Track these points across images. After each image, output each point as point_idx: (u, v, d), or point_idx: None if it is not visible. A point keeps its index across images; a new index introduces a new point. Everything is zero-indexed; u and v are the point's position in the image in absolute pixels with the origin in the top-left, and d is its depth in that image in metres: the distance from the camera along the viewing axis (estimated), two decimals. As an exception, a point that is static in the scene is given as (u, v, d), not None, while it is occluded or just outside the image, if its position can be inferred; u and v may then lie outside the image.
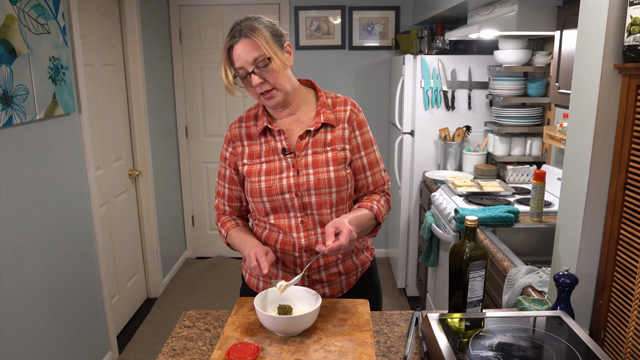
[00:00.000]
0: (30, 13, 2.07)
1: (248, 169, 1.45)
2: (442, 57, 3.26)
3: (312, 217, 1.42)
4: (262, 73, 1.33)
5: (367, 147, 1.48)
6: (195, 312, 1.43)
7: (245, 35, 1.31)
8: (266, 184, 1.40)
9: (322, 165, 1.40)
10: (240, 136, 1.48)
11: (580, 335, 1.13)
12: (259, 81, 1.34)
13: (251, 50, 1.31)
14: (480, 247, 1.25)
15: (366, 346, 1.18)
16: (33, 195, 2.12)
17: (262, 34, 1.32)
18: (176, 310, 3.48)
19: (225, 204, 1.55)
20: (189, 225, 4.44)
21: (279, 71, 1.34)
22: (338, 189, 1.41)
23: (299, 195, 1.39)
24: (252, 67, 1.32)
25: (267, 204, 1.42)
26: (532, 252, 2.15)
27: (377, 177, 1.50)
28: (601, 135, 1.23)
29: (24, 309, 2.05)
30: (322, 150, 1.42)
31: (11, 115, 1.94)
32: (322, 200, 1.40)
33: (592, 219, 1.28)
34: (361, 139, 1.47)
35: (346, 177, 1.42)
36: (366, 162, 1.48)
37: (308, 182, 1.39)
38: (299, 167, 1.40)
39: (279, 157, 1.43)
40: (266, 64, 1.32)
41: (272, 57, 1.32)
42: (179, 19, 4.08)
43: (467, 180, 2.79)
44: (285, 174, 1.40)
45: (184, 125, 4.26)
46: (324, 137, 1.43)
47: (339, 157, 1.41)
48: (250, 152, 1.46)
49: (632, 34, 1.11)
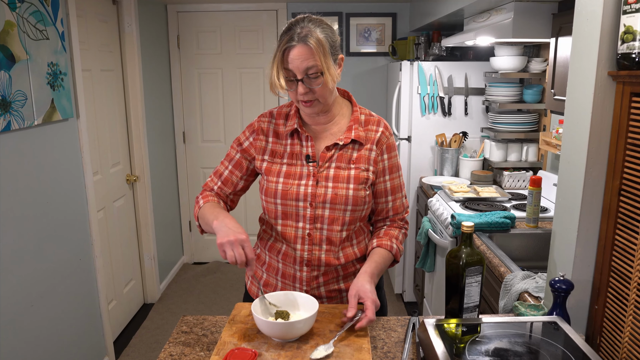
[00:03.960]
0: (29, 19, 2.08)
1: (267, 166, 1.42)
2: (439, 63, 3.28)
3: (321, 232, 1.39)
4: (311, 84, 1.29)
5: (393, 172, 1.45)
6: (193, 318, 1.43)
7: (304, 41, 1.26)
8: (283, 187, 1.38)
9: (342, 181, 1.38)
10: (268, 131, 1.45)
11: (576, 340, 1.14)
12: (304, 90, 1.30)
13: (306, 58, 1.26)
14: (477, 252, 1.26)
15: (363, 352, 1.18)
16: (31, 200, 2.12)
17: (321, 44, 1.27)
18: (173, 315, 3.48)
19: (217, 184, 1.50)
20: (186, 230, 4.43)
21: (327, 85, 1.31)
22: (354, 207, 1.38)
23: (313, 205, 1.37)
24: (302, 75, 1.28)
25: (280, 207, 1.40)
26: (528, 258, 2.16)
27: (397, 203, 1.48)
28: (596, 142, 1.24)
29: (20, 313, 2.04)
30: (345, 166, 1.39)
31: (9, 121, 1.94)
32: (335, 215, 1.38)
33: (588, 224, 1.29)
34: (388, 163, 1.44)
35: (364, 198, 1.39)
36: (389, 187, 1.45)
37: (325, 194, 1.37)
38: (320, 178, 1.38)
39: (301, 162, 1.40)
40: (317, 76, 1.28)
41: (325, 71, 1.28)
42: (177, 25, 4.10)
43: (464, 186, 2.81)
44: (304, 181, 1.38)
45: (181, 131, 4.26)
46: (351, 153, 1.40)
47: (361, 177, 1.39)
48: (273, 149, 1.43)
49: (626, 42, 1.13)
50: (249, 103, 4.23)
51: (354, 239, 1.46)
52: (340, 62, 1.37)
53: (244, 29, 4.11)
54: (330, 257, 1.41)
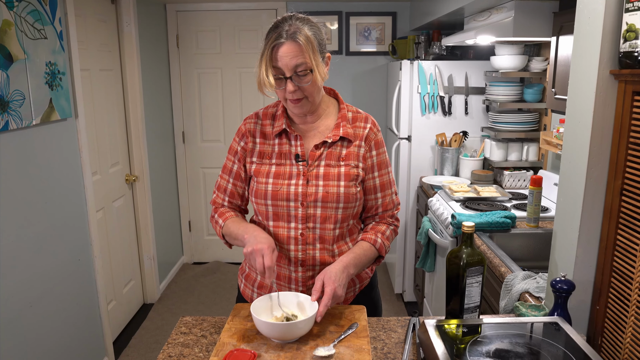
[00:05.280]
0: (27, 18, 2.07)
1: (256, 168, 1.41)
2: (439, 62, 3.27)
3: (314, 231, 1.39)
4: (300, 81, 1.29)
5: (382, 168, 1.45)
6: (192, 318, 1.42)
7: (293, 38, 1.26)
8: (273, 187, 1.37)
9: (333, 179, 1.37)
10: (254, 132, 1.44)
11: (578, 341, 1.13)
12: (293, 88, 1.29)
13: (295, 55, 1.26)
14: (477, 252, 1.25)
15: (363, 353, 1.18)
16: (29, 200, 2.11)
17: (310, 41, 1.27)
18: (173, 316, 3.47)
19: (225, 200, 1.49)
20: (186, 230, 4.43)
21: (316, 83, 1.31)
22: (345, 205, 1.38)
23: (304, 205, 1.37)
24: (290, 73, 1.28)
25: (270, 208, 1.39)
26: (529, 258, 2.15)
27: (387, 199, 1.47)
28: (597, 141, 1.23)
29: (19, 314, 2.04)
30: (335, 163, 1.39)
31: (7, 121, 1.93)
32: (327, 214, 1.38)
33: (589, 224, 1.28)
34: (377, 159, 1.44)
35: (355, 194, 1.39)
36: (378, 184, 1.45)
37: (316, 193, 1.36)
38: (310, 177, 1.37)
39: (290, 162, 1.39)
40: (306, 74, 1.28)
41: (314, 69, 1.28)
42: (176, 25, 4.09)
43: (464, 186, 2.80)
44: (294, 181, 1.37)
45: (181, 131, 4.25)
46: (340, 151, 1.40)
47: (351, 173, 1.38)
48: (261, 150, 1.42)
49: (628, 40, 1.12)
50: (248, 103, 4.22)
51: (347, 237, 1.45)
52: (327, 61, 1.37)
53: (244, 28, 4.10)
54: (325, 255, 1.41)
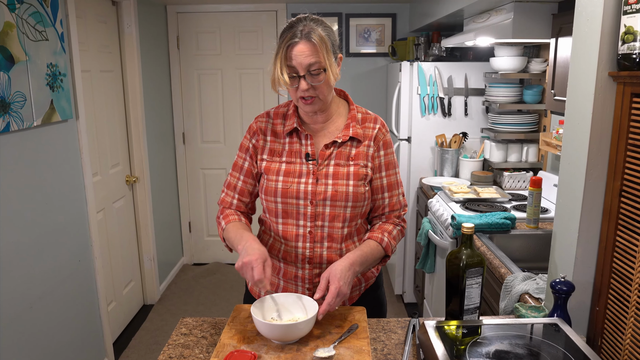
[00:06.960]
0: (29, 20, 2.08)
1: (267, 165, 1.43)
2: (439, 64, 3.28)
3: (322, 229, 1.40)
4: (313, 80, 1.32)
5: (389, 168, 1.47)
6: (192, 319, 1.43)
7: (308, 38, 1.29)
8: (283, 185, 1.39)
9: (342, 178, 1.39)
10: (265, 130, 1.46)
11: (577, 342, 1.14)
12: (306, 86, 1.32)
13: (310, 54, 1.29)
14: (477, 254, 1.25)
15: (363, 354, 1.18)
16: (30, 201, 2.11)
17: (324, 41, 1.30)
18: (173, 317, 3.47)
19: (234, 197, 1.49)
20: (186, 231, 4.43)
21: (328, 82, 1.34)
22: (354, 204, 1.40)
23: (313, 203, 1.38)
24: (304, 72, 1.30)
25: (280, 205, 1.41)
26: (528, 259, 2.16)
27: (394, 200, 1.48)
28: (596, 143, 1.24)
29: (20, 315, 2.04)
30: (345, 163, 1.41)
31: (9, 122, 1.94)
32: (336, 212, 1.39)
33: (588, 225, 1.29)
34: (384, 159, 1.46)
35: (364, 194, 1.41)
36: (385, 184, 1.46)
37: (326, 192, 1.38)
38: (319, 176, 1.39)
39: (300, 160, 1.41)
40: (319, 73, 1.31)
41: (327, 68, 1.31)
42: (177, 26, 4.09)
43: (464, 187, 2.80)
44: (304, 179, 1.39)
45: (181, 132, 4.26)
46: (349, 150, 1.42)
47: (360, 173, 1.40)
48: (272, 148, 1.45)
49: (626, 42, 1.12)
50: (248, 104, 4.23)
51: (355, 236, 1.46)
52: (339, 61, 1.39)
53: (244, 29, 4.11)
54: (332, 253, 1.42)
